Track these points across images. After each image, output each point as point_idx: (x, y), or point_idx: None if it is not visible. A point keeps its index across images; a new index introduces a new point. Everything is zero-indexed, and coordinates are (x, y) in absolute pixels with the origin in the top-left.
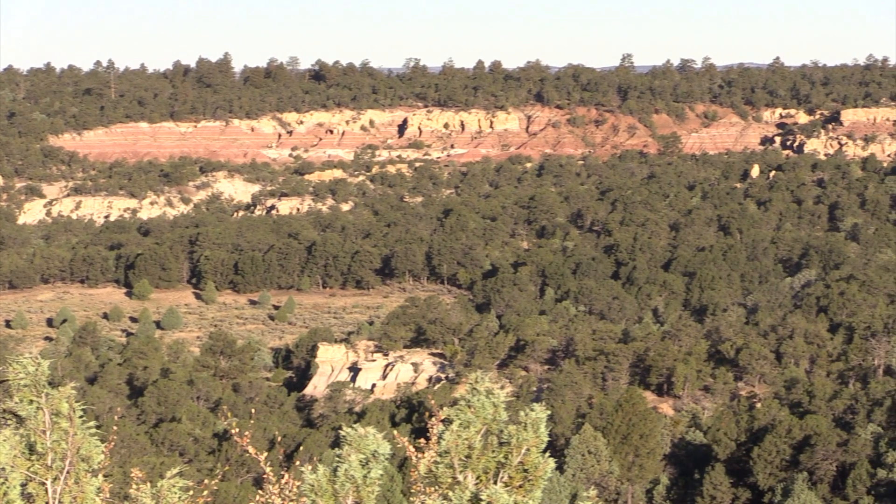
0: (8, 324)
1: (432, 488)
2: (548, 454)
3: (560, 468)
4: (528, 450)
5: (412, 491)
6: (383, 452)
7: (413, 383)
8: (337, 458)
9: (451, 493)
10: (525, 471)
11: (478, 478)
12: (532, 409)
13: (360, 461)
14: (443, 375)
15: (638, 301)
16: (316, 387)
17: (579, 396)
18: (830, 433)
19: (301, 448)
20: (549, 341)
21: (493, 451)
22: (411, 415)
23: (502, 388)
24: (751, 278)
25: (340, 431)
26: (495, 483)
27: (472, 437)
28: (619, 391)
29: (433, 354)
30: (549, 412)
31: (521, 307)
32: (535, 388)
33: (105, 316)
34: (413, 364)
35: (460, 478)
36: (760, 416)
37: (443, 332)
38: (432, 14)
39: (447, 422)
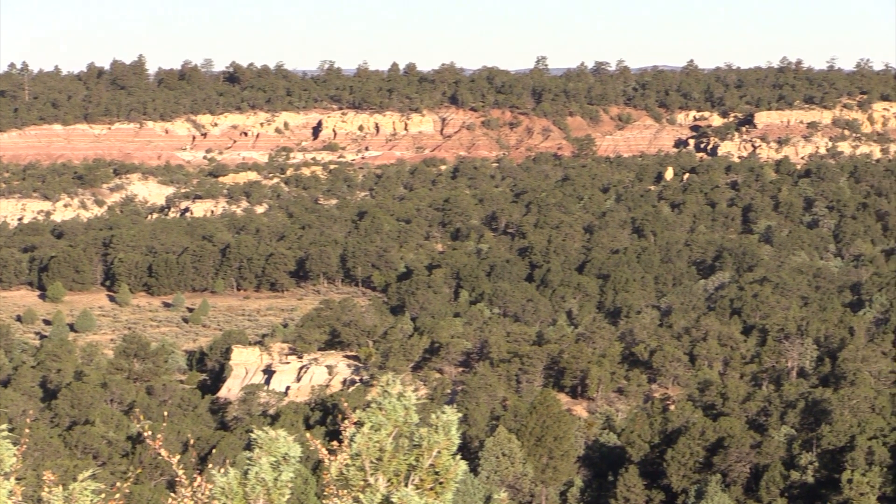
0: None
1: (344, 491)
2: (459, 456)
3: (474, 470)
4: (439, 452)
5: (325, 494)
6: (294, 455)
7: (327, 386)
8: (248, 461)
9: (362, 496)
10: (436, 473)
11: (389, 480)
12: (443, 412)
13: (271, 464)
14: (357, 378)
15: (552, 303)
16: (230, 389)
17: (493, 399)
18: (744, 435)
19: (215, 451)
20: (463, 343)
21: (405, 454)
22: (325, 417)
23: (415, 390)
24: (665, 280)
25: (251, 434)
26: (406, 485)
27: (383, 440)
28: (534, 393)
29: (347, 357)
30: (461, 414)
31: (436, 309)
32: (449, 391)
33: (18, 318)
34: (327, 366)
35: (371, 480)
36: (674, 418)
37: (357, 335)
38: (347, 16)
39: (359, 424)
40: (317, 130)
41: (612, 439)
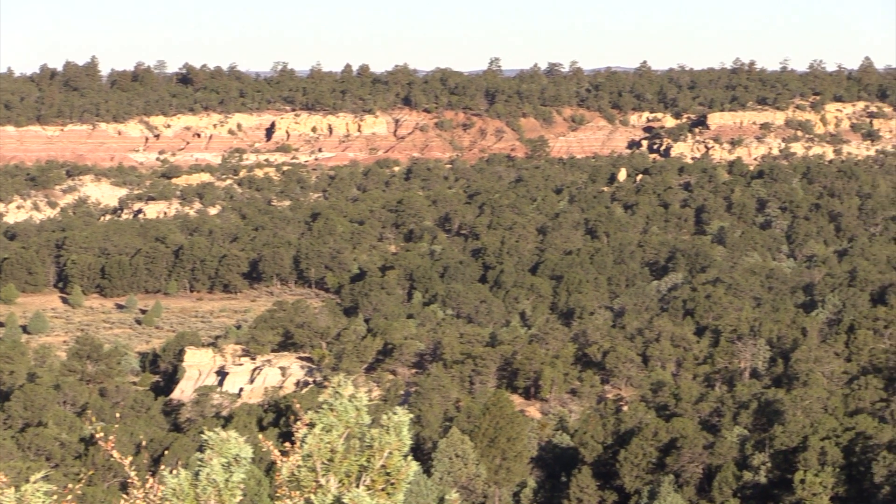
0: None
1: (296, 492)
2: (411, 457)
3: (427, 471)
4: (390, 453)
5: (277, 495)
6: (245, 456)
7: (280, 387)
8: (199, 462)
9: (313, 497)
10: (387, 474)
11: (340, 481)
12: (395, 413)
13: (223, 465)
14: (311, 379)
15: (505, 304)
16: (183, 391)
17: (447, 400)
18: (696, 436)
19: (168, 452)
20: (416, 345)
21: (356, 455)
22: (278, 419)
23: (368, 391)
24: (618, 282)
25: (203, 436)
26: (358, 486)
27: (334, 441)
28: (487, 394)
29: (301, 358)
30: (413, 415)
31: (389, 311)
32: (402, 392)
33: None
34: (281, 368)
35: (323, 481)
36: (627, 419)
37: (310, 336)
38: (300, 17)
39: (311, 426)
40: (270, 132)
41: (565, 440)
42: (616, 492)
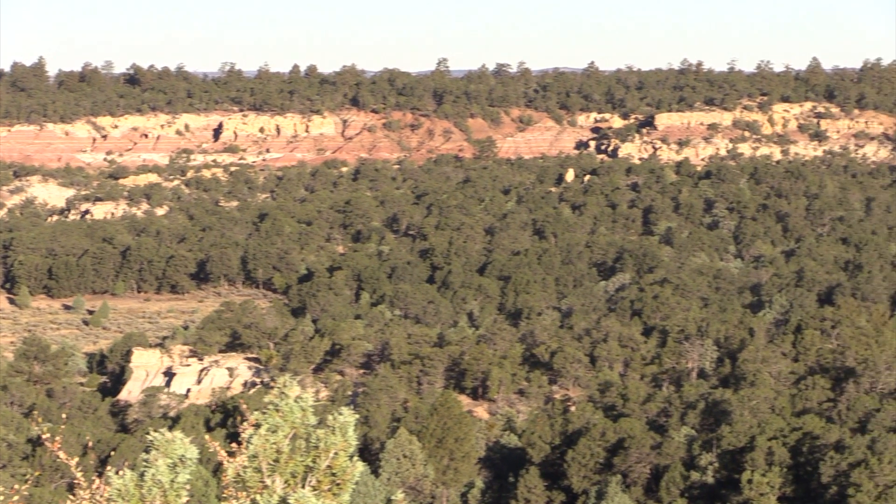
0: None
1: (242, 493)
2: (356, 458)
3: (375, 472)
4: (336, 454)
5: (224, 496)
6: (191, 457)
7: (228, 388)
8: (144, 463)
9: (259, 498)
10: (333, 474)
11: (286, 482)
12: (340, 413)
13: (168, 466)
14: (258, 380)
15: (453, 305)
16: (130, 392)
17: (394, 400)
18: (644, 436)
19: (115, 453)
20: (364, 345)
21: (302, 455)
22: (226, 419)
23: (316, 392)
24: (565, 282)
25: (148, 436)
26: (304, 487)
27: (280, 442)
28: (435, 395)
29: (248, 359)
30: (359, 416)
31: (337, 311)
32: (350, 392)
33: None
34: (228, 369)
35: (269, 482)
36: (575, 419)
37: (258, 337)
38: (247, 18)
39: (257, 426)
40: (217, 132)
41: (512, 440)
42: (564, 492)
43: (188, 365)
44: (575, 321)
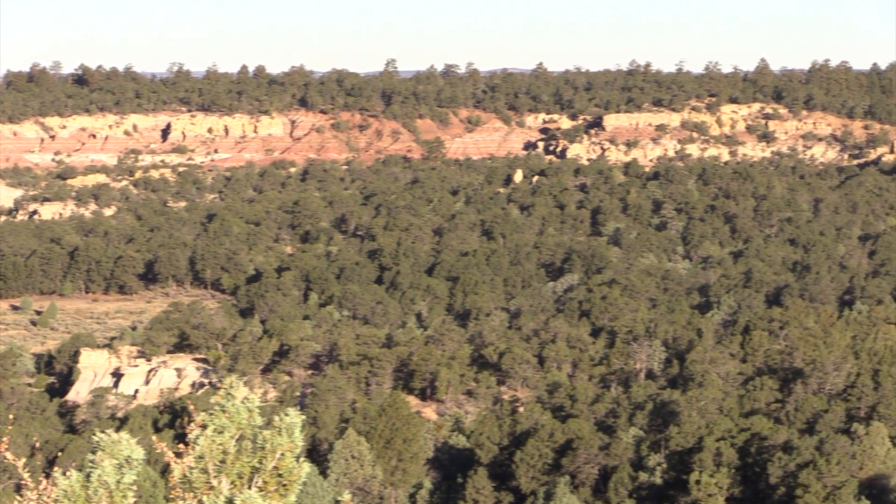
0: None
1: (189, 494)
2: (303, 459)
3: (323, 473)
4: (282, 454)
5: (171, 496)
6: (137, 458)
7: (176, 389)
8: (90, 464)
9: (205, 499)
10: (280, 475)
11: (232, 483)
12: (287, 414)
13: (114, 466)
14: (206, 381)
15: (402, 306)
16: (78, 392)
17: (343, 401)
18: (592, 437)
19: (62, 454)
20: (312, 346)
21: (248, 456)
22: (174, 420)
23: (264, 393)
24: (514, 283)
25: (94, 437)
26: (250, 488)
27: (226, 442)
28: (383, 396)
29: (197, 359)
30: (306, 417)
31: (285, 312)
32: (298, 393)
33: None
34: (176, 369)
35: (215, 483)
36: (523, 420)
37: (206, 338)
38: (196, 18)
39: (203, 427)
40: (166, 133)
41: (461, 441)
42: (512, 493)
43: (136, 366)
44: (523, 322)
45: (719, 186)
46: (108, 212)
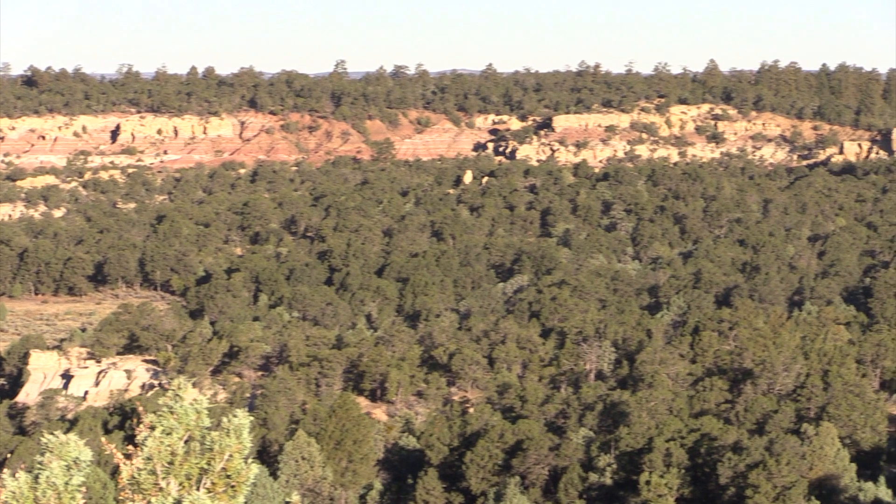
0: None
1: (138, 495)
2: (251, 460)
3: (274, 474)
4: (230, 456)
5: (120, 498)
6: (85, 459)
7: (126, 390)
8: (38, 465)
9: (154, 500)
10: (228, 476)
11: (181, 484)
12: (235, 416)
13: (62, 468)
14: (156, 382)
15: (352, 307)
16: (28, 394)
17: (293, 402)
18: (542, 438)
19: (12, 456)
20: (262, 347)
21: (196, 458)
22: (124, 422)
23: (214, 394)
24: (464, 284)
25: (43, 439)
26: (198, 489)
27: (174, 444)
28: (333, 397)
29: (146, 361)
30: (256, 418)
31: (235, 313)
32: (248, 395)
33: None
34: (126, 371)
35: (163, 484)
36: (473, 421)
37: (156, 339)
38: (145, 19)
39: (151, 428)
40: (115, 134)
41: (411, 442)
42: (462, 493)
43: (86, 367)
44: (473, 323)
45: (669, 187)
46: (58, 213)
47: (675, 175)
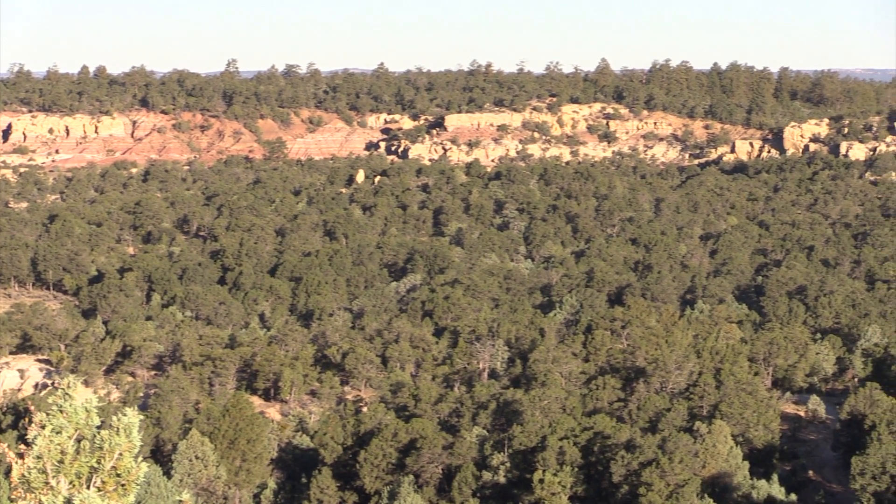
0: None
1: (29, 494)
2: (141, 459)
3: (167, 474)
4: (120, 454)
5: (12, 497)
6: None
7: (19, 390)
8: None
9: (44, 499)
10: (118, 475)
11: (71, 482)
12: (124, 414)
13: None
14: (49, 381)
15: (245, 306)
16: None
17: (186, 402)
18: (436, 436)
19: None
20: (155, 347)
21: (86, 456)
22: (17, 421)
23: (107, 393)
24: (357, 283)
25: None
26: (88, 488)
27: (64, 443)
28: (226, 396)
29: (39, 360)
30: (149, 417)
31: (128, 313)
32: (141, 394)
33: None
34: (19, 370)
35: (53, 483)
36: (367, 420)
37: (49, 338)
38: (34, 18)
39: (42, 427)
40: (6, 133)
41: (305, 441)
42: (356, 492)
43: None
44: (366, 322)
45: (561, 186)
46: None
47: (568, 174)
